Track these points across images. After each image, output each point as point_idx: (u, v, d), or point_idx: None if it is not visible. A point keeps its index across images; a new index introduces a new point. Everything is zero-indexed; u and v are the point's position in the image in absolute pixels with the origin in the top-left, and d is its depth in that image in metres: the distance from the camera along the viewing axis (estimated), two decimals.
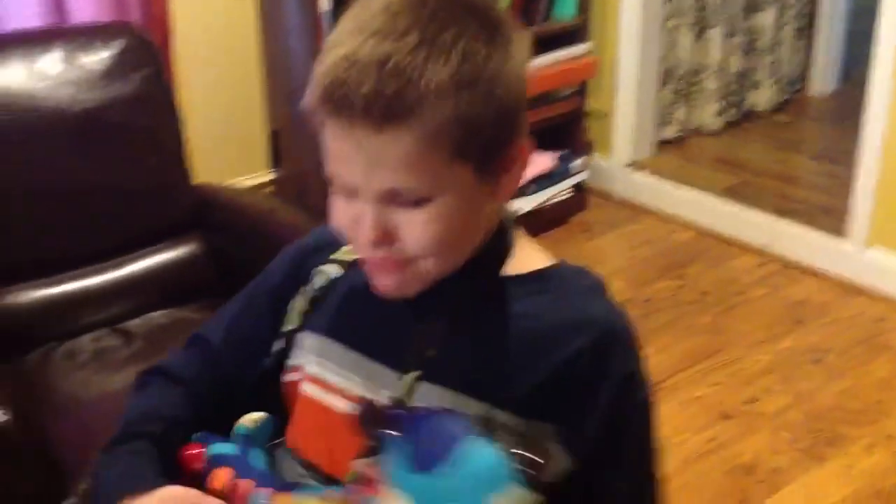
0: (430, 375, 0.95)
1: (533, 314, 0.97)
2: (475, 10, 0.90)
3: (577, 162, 3.48)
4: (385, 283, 0.95)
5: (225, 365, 1.11)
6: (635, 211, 3.59)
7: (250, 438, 1.05)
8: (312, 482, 1.00)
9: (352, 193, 0.91)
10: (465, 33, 0.87)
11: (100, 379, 1.89)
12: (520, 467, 0.82)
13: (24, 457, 1.56)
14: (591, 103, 3.58)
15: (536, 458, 0.83)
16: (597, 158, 3.68)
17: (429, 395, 0.95)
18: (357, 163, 0.88)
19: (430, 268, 0.93)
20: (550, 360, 0.94)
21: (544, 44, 3.30)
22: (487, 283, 0.99)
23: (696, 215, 3.46)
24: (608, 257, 3.35)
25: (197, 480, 1.01)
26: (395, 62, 0.85)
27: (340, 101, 0.85)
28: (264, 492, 0.98)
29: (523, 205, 3.30)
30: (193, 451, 1.04)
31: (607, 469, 0.97)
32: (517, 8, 3.20)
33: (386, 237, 0.91)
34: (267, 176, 3.28)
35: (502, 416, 0.93)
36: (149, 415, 1.07)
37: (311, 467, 1.01)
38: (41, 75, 2.11)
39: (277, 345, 1.07)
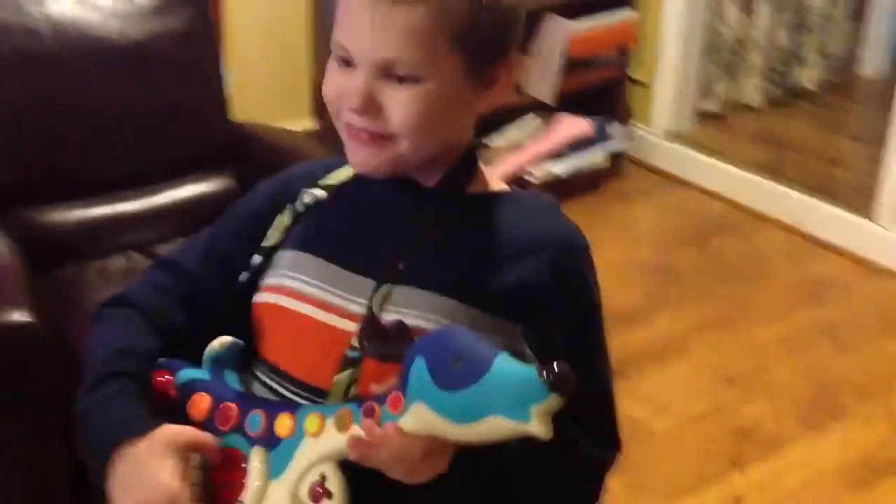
0: (404, 280, 1.02)
1: (500, 227, 1.06)
2: None
3: (615, 129, 3.53)
4: (361, 156, 1.03)
5: (201, 287, 1.13)
6: (670, 181, 3.64)
7: (220, 361, 1.06)
8: (294, 398, 1.03)
9: (349, 63, 0.99)
10: None
11: None
12: (552, 376, 0.85)
13: (46, 356, 1.67)
14: (633, 72, 3.62)
15: (565, 367, 0.86)
16: (635, 127, 3.72)
17: (404, 297, 1.01)
18: (366, 30, 0.97)
19: (404, 150, 1.00)
20: (516, 268, 1.03)
21: (587, 7, 3.34)
22: (456, 199, 1.07)
23: (729, 189, 3.50)
24: (638, 223, 3.40)
25: (173, 409, 1.04)
26: None
27: None
28: (256, 413, 1.00)
29: (558, 168, 3.37)
30: (163, 379, 1.05)
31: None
32: None
33: (370, 107, 0.98)
34: (309, 124, 3.37)
35: (473, 312, 1.01)
36: (123, 352, 1.07)
37: (288, 378, 1.05)
38: (93, 7, 2.21)
39: (256, 259, 1.11)
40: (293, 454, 0.96)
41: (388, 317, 1.00)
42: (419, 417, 0.89)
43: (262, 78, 3.15)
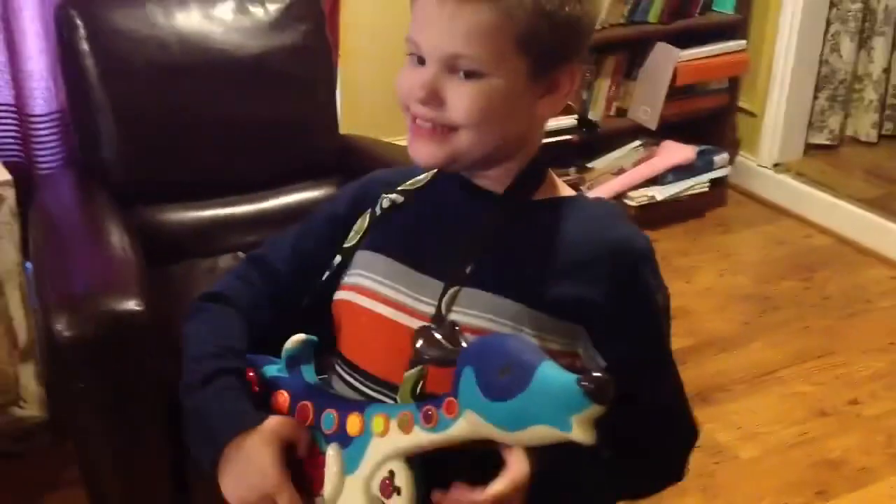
0: (470, 283, 1.08)
1: (563, 232, 1.10)
2: None
3: (720, 157, 3.53)
4: (421, 149, 1.09)
5: (287, 284, 1.21)
6: (775, 212, 3.62)
7: (296, 358, 1.13)
8: (368, 391, 1.11)
9: (420, 61, 1.07)
10: None
11: None
12: (591, 386, 0.90)
13: (152, 345, 1.75)
14: (742, 101, 3.62)
15: (606, 376, 0.91)
16: (742, 157, 3.72)
17: (470, 299, 1.07)
18: (436, 25, 1.04)
19: (463, 142, 1.06)
20: (578, 275, 1.07)
21: (699, 36, 3.37)
22: (523, 205, 1.12)
23: (835, 222, 3.46)
24: (739, 252, 3.39)
25: (256, 403, 1.11)
26: None
27: None
28: (330, 411, 1.07)
29: (659, 194, 3.39)
30: (249, 376, 1.13)
31: (636, 370, 1.07)
32: None
33: (435, 97, 1.05)
34: None
35: (537, 315, 1.05)
36: (229, 349, 1.15)
37: (362, 373, 1.12)
38: (215, 21, 2.33)
39: (336, 259, 1.18)
40: (364, 452, 1.03)
41: (455, 317, 1.06)
42: (470, 423, 0.96)
43: (373, 94, 3.24)
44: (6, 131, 2.50)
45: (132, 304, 1.73)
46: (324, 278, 1.19)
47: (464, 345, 0.98)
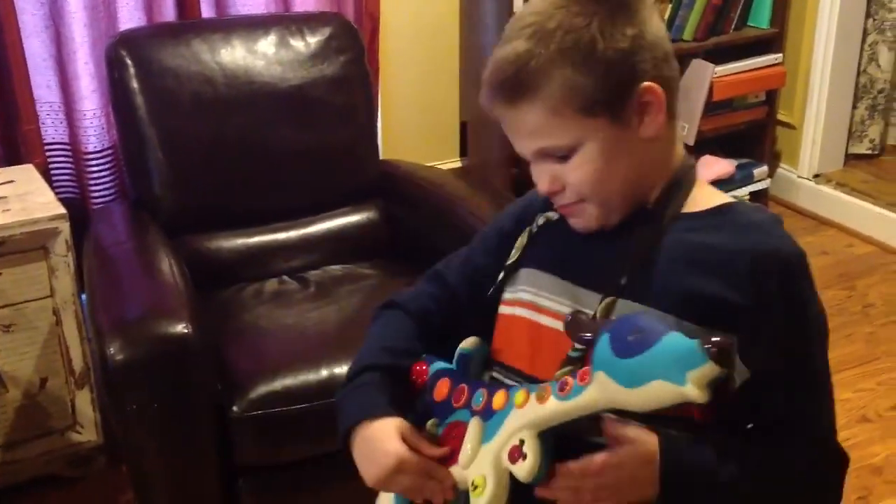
0: (624, 294, 1.13)
1: (711, 241, 1.12)
2: None
3: (759, 170, 3.56)
4: (574, 224, 1.19)
5: (459, 297, 1.33)
6: (817, 222, 3.63)
7: (467, 356, 1.25)
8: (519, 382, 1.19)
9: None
10: (569, 11, 1.09)
11: (275, 314, 2.18)
12: (711, 348, 0.96)
13: (200, 366, 1.84)
14: (781, 114, 3.65)
15: (726, 339, 0.97)
16: (782, 169, 3.73)
17: (623, 309, 1.12)
18: (510, 132, 1.16)
19: (596, 207, 1.15)
20: (724, 275, 1.09)
21: (735, 51, 3.40)
22: (672, 218, 1.15)
23: (877, 230, 3.47)
24: None
25: (422, 392, 1.25)
26: (514, 54, 1.10)
27: (489, 92, 1.14)
28: (480, 391, 1.18)
29: None
30: (420, 369, 1.26)
31: (777, 382, 1.11)
32: (710, 15, 3.32)
33: (555, 185, 1.15)
34: (456, 164, 3.54)
35: (687, 326, 1.07)
36: (383, 348, 1.29)
37: (518, 374, 1.20)
38: (258, 55, 2.42)
39: (500, 276, 1.27)
40: (503, 423, 1.12)
41: None
42: (599, 387, 1.03)
43: (412, 120, 3.33)
44: (61, 168, 2.63)
45: (181, 328, 1.81)
46: (489, 292, 1.28)
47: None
